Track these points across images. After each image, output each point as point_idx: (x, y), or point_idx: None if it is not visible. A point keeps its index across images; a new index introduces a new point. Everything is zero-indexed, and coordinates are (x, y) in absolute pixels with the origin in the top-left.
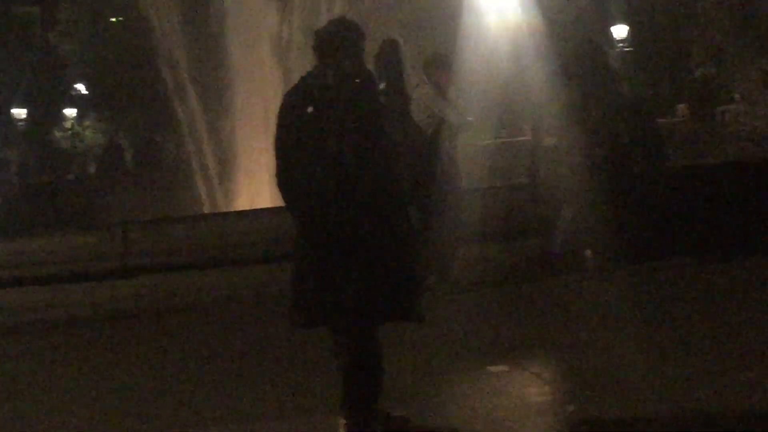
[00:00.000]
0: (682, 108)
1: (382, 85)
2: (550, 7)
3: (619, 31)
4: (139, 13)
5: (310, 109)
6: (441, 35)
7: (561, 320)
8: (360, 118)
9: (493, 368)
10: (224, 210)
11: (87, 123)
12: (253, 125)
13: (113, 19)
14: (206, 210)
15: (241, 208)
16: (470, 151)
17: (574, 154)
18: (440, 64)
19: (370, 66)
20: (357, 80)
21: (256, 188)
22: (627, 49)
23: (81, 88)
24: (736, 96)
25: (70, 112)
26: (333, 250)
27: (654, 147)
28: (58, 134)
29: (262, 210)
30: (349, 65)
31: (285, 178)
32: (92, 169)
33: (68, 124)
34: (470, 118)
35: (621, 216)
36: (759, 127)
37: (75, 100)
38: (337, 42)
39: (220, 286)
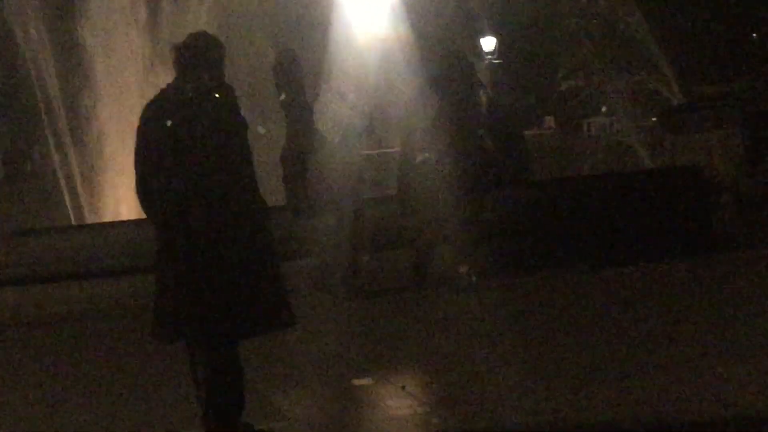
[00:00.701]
0: (548, 120)
1: (282, 96)
2: (418, 19)
3: (488, 43)
4: (3, 19)
5: (168, 123)
6: (310, 46)
7: (428, 333)
8: (218, 132)
9: (358, 381)
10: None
11: None
12: (118, 138)
13: None
14: (72, 222)
15: (105, 221)
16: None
17: (444, 166)
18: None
19: (234, 80)
20: (216, 95)
21: (122, 200)
22: (495, 61)
23: None
24: (603, 108)
25: None
26: (191, 263)
27: (519, 158)
28: None
29: (123, 222)
30: (209, 79)
31: (143, 190)
32: None
33: None
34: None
35: (489, 229)
36: (624, 140)
37: None
38: (197, 56)
39: (80, 299)
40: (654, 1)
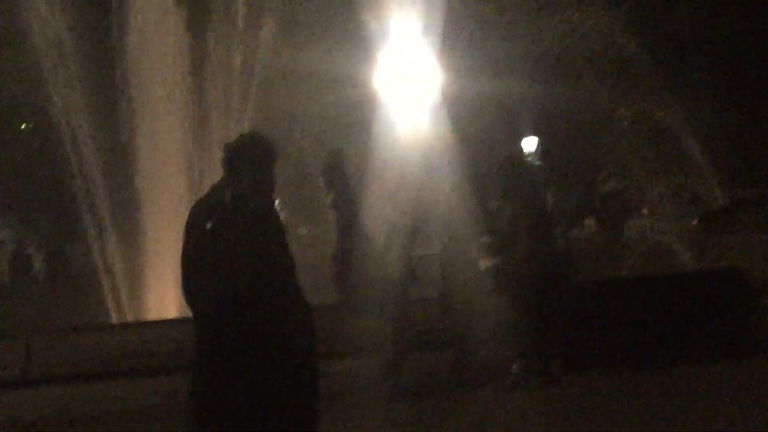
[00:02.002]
0: (590, 222)
1: (330, 197)
2: (459, 119)
3: (529, 144)
4: (50, 120)
5: (208, 225)
6: (353, 146)
7: None
8: (252, 237)
9: None
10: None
11: None
12: (163, 237)
13: (23, 126)
14: (114, 320)
15: (148, 319)
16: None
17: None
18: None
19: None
20: (252, 200)
21: (163, 300)
22: (537, 162)
23: None
24: (644, 211)
25: None
26: (228, 364)
27: (570, 260)
28: None
29: (165, 321)
30: (248, 183)
31: (186, 290)
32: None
33: None
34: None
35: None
36: (665, 242)
37: None
38: (241, 158)
39: (123, 397)
40: (696, 105)
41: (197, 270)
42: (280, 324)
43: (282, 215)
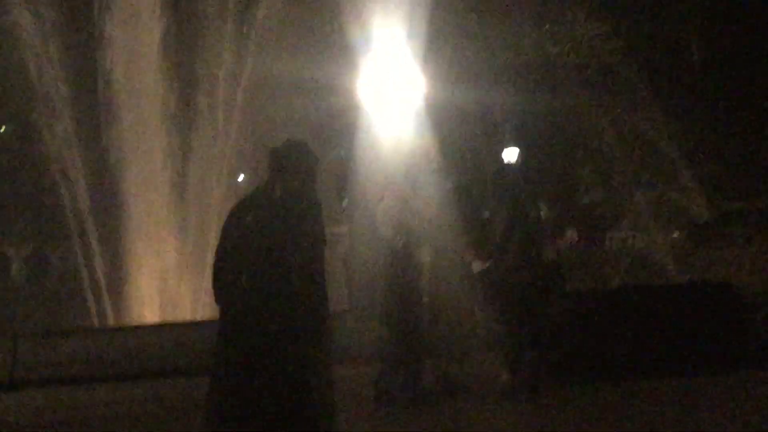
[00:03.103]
0: (570, 233)
1: (345, 201)
2: (442, 128)
3: (510, 154)
4: (30, 121)
5: (248, 218)
6: (336, 152)
7: None
8: (298, 237)
9: None
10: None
11: None
12: (145, 240)
13: (2, 128)
14: (95, 324)
15: (130, 323)
16: None
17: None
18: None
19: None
20: (304, 202)
21: (145, 302)
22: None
23: None
24: (625, 222)
25: None
26: (248, 363)
27: (559, 271)
28: None
29: (146, 326)
30: (299, 185)
31: (218, 285)
32: None
33: None
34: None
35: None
36: (652, 254)
37: None
38: (291, 162)
39: (108, 400)
40: (678, 118)
41: (232, 266)
42: (305, 325)
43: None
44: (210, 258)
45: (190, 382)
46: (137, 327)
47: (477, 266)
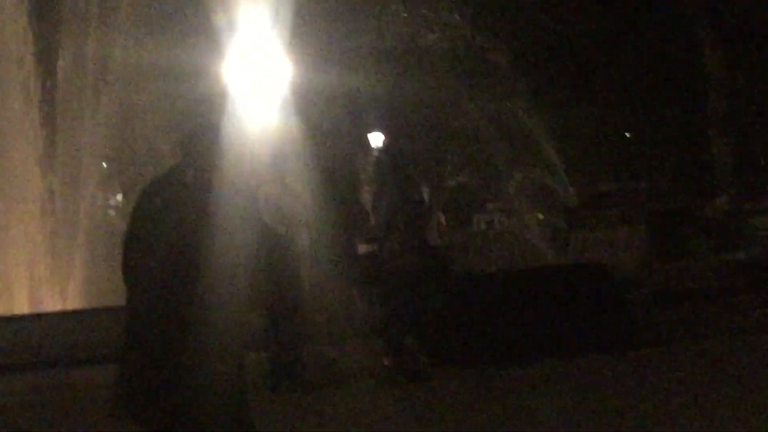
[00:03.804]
0: (438, 216)
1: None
2: (309, 113)
3: (376, 139)
4: None
5: (157, 201)
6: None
7: None
8: (204, 218)
9: None
10: None
11: None
12: (12, 230)
13: None
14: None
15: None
16: None
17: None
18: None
19: None
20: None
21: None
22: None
23: None
24: (489, 205)
25: None
26: (158, 347)
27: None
28: None
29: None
30: (206, 166)
31: (125, 265)
32: None
33: None
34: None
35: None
36: (520, 236)
37: None
38: (195, 141)
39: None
40: (547, 103)
41: (141, 246)
42: (216, 311)
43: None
44: (78, 243)
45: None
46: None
47: (362, 248)
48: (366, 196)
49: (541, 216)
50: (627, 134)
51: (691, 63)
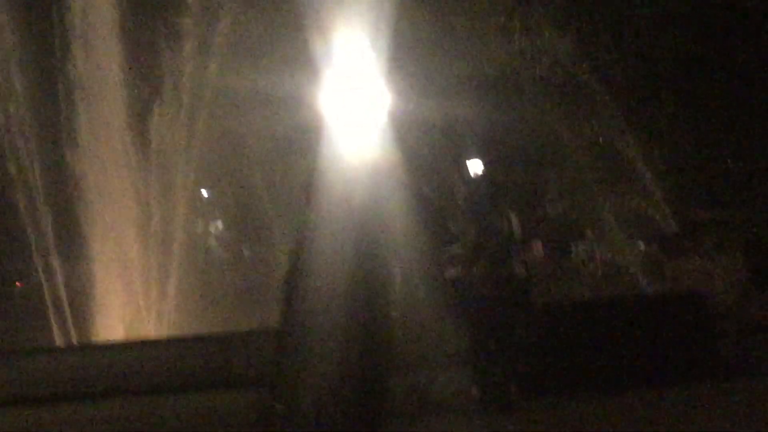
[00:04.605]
0: (536, 244)
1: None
2: (405, 141)
3: (474, 166)
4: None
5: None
6: (299, 167)
7: None
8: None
9: None
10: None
11: None
12: (109, 255)
13: None
14: (58, 343)
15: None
16: None
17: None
18: None
19: None
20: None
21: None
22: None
23: None
24: (588, 232)
25: None
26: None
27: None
28: None
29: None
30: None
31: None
32: None
33: None
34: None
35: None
36: (621, 265)
37: None
38: None
39: (72, 420)
40: (645, 128)
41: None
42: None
43: None
44: (174, 270)
45: (153, 401)
46: (102, 346)
47: (450, 273)
48: (459, 224)
49: (642, 247)
50: (728, 162)
51: None
